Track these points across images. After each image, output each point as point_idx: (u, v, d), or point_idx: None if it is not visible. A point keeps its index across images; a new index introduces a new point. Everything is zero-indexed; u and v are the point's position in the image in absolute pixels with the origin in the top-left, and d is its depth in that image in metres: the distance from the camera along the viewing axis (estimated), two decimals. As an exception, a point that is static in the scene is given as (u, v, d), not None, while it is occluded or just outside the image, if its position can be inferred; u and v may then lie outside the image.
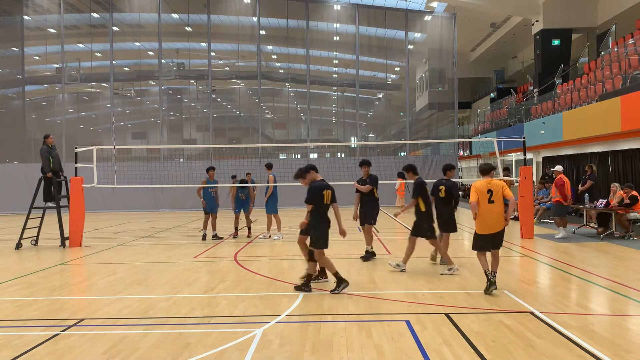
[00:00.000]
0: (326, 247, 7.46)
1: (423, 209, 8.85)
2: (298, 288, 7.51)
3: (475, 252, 7.48)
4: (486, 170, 7.44)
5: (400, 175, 20.02)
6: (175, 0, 30.35)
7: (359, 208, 10.17)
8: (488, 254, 7.37)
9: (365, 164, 10.14)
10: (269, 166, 13.87)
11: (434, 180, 9.60)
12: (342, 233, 7.60)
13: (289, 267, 9.63)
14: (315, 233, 7.43)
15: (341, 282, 7.38)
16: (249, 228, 14.38)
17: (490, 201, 7.15)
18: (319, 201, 7.42)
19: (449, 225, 9.14)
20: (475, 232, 7.41)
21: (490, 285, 7.10)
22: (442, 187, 9.09)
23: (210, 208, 13.63)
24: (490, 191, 7.16)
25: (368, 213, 10.05)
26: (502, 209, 7.23)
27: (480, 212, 7.19)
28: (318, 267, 7.78)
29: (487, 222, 7.19)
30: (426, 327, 5.70)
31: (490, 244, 7.30)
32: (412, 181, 9.22)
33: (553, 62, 24.41)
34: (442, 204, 9.10)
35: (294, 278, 7.95)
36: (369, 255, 10.15)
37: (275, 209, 13.61)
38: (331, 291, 7.35)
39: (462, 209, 16.25)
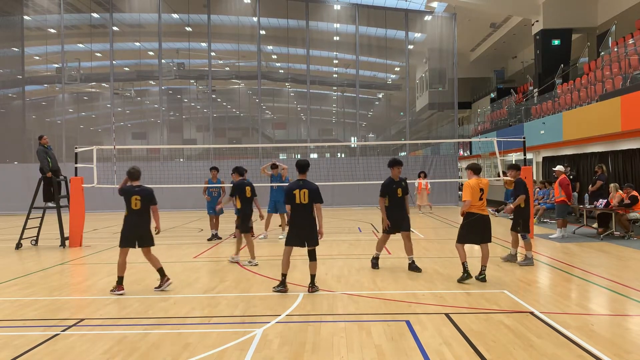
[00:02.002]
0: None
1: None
2: (311, 289, 7.55)
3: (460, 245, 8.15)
4: (479, 169, 8.28)
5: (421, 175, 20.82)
6: (175, 0, 30.35)
7: (388, 212, 8.92)
8: (468, 247, 8.17)
9: (398, 164, 8.90)
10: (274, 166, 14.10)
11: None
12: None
13: (290, 267, 9.60)
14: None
15: (283, 284, 7.54)
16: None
17: (480, 199, 8.02)
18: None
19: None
20: (463, 225, 8.07)
21: (467, 277, 7.88)
22: (248, 188, 9.92)
23: (211, 209, 13.58)
24: (481, 190, 8.01)
25: (405, 218, 8.95)
26: (485, 206, 8.17)
27: (471, 207, 8.02)
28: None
29: (477, 208, 8.03)
30: (426, 327, 5.70)
31: (479, 235, 8.01)
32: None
33: (553, 62, 24.40)
34: (248, 203, 9.95)
35: (295, 278, 7.95)
36: (415, 266, 8.95)
37: (275, 209, 13.72)
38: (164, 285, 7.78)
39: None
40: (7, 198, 25.16)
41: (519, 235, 9.63)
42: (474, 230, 8.02)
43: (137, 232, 7.70)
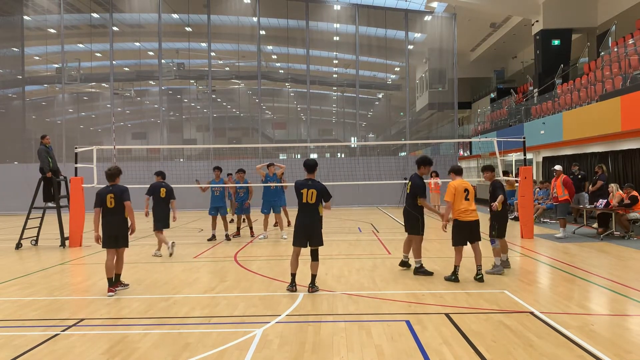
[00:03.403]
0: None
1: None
2: (311, 289, 7.57)
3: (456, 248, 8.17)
4: (460, 170, 8.40)
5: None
6: (175, 0, 30.37)
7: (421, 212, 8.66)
8: (466, 248, 8.14)
9: (430, 163, 8.71)
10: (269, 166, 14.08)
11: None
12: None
13: (289, 267, 9.61)
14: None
15: (291, 284, 7.57)
16: (239, 229, 14.45)
17: (466, 199, 8.06)
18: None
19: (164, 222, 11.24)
20: (454, 226, 8.12)
21: (454, 280, 7.95)
22: (163, 189, 11.13)
23: (213, 210, 13.55)
24: (466, 190, 8.09)
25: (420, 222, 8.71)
26: (475, 207, 8.15)
27: (456, 208, 8.05)
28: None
29: (465, 214, 8.03)
30: (426, 327, 5.70)
31: (468, 236, 8.01)
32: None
33: (553, 62, 24.39)
34: (163, 203, 11.22)
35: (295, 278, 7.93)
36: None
37: (268, 209, 13.75)
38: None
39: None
40: (7, 198, 25.18)
41: (489, 240, 8.84)
42: (462, 231, 8.05)
43: (113, 231, 7.77)
